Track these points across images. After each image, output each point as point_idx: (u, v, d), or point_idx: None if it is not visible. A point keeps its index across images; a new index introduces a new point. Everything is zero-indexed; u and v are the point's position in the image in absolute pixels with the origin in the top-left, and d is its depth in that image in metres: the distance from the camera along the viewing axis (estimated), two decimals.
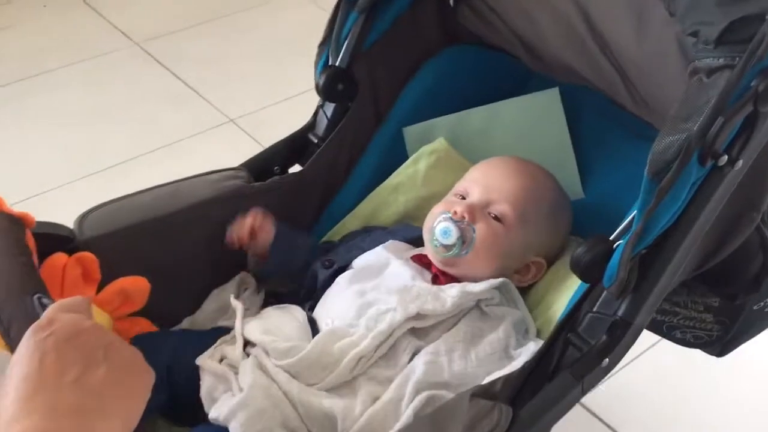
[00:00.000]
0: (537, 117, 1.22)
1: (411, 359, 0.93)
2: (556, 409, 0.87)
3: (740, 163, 0.81)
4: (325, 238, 1.19)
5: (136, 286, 0.97)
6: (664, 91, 0.95)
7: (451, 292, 0.97)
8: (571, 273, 0.97)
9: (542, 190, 1.08)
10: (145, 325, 1.02)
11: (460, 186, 1.10)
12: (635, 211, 0.83)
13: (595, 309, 0.88)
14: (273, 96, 2.19)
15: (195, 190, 1.09)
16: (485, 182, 1.07)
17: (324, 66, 1.16)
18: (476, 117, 1.23)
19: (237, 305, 1.02)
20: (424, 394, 0.88)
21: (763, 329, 1.11)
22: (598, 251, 0.86)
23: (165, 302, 1.02)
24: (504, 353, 0.95)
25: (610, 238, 0.87)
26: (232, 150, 1.82)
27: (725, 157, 0.80)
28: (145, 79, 2.28)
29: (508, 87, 1.26)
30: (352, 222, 1.20)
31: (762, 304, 1.06)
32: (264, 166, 1.18)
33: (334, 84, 1.15)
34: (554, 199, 1.10)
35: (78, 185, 1.89)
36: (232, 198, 1.10)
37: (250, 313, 1.04)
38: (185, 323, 1.08)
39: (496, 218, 1.04)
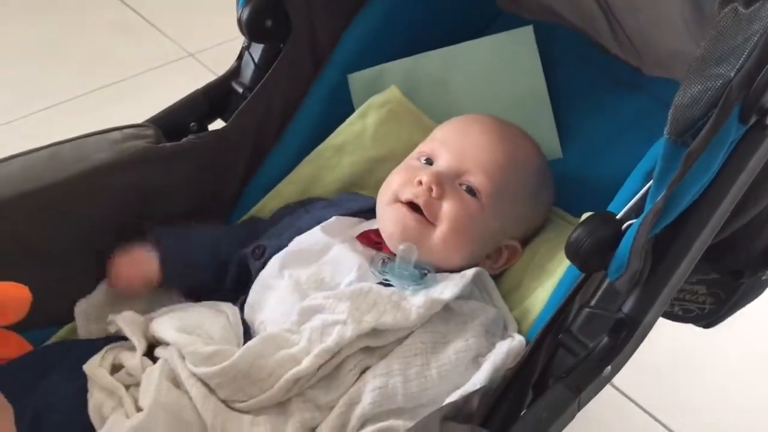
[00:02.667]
0: (507, 61, 1.03)
1: (358, 378, 0.76)
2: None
3: None
4: (251, 213, 0.99)
5: (10, 294, 0.70)
6: (657, 31, 0.81)
7: (416, 300, 0.78)
8: (551, 255, 0.85)
9: (526, 159, 0.91)
10: (15, 345, 0.74)
11: (425, 146, 0.91)
12: (649, 183, 0.65)
13: (593, 303, 0.71)
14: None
15: (85, 153, 0.89)
16: (458, 146, 0.88)
17: None
18: (435, 61, 1.04)
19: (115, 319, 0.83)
20: (371, 429, 0.71)
21: (755, 298, 0.99)
22: (603, 234, 0.67)
23: (53, 295, 0.84)
24: (472, 363, 0.77)
25: (617, 217, 0.68)
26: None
27: None
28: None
29: (472, 26, 1.07)
30: (286, 189, 1.00)
31: (760, 273, 0.93)
32: (177, 121, 0.98)
33: (261, 19, 0.94)
34: (538, 170, 0.92)
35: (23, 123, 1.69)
36: (134, 163, 0.90)
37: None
38: (78, 311, 0.89)
39: (470, 191, 0.85)
